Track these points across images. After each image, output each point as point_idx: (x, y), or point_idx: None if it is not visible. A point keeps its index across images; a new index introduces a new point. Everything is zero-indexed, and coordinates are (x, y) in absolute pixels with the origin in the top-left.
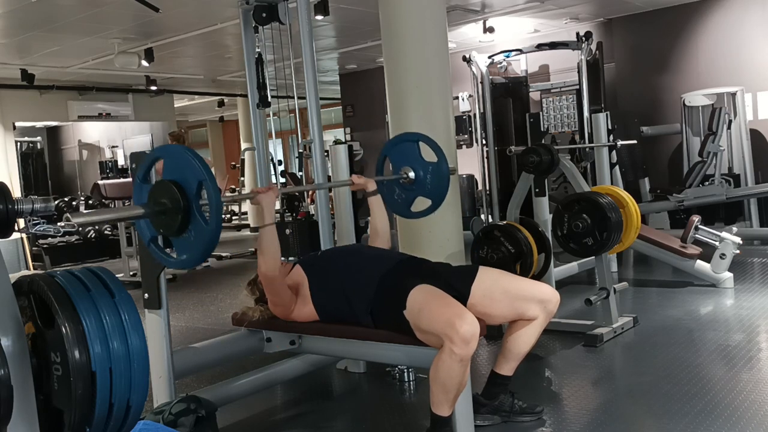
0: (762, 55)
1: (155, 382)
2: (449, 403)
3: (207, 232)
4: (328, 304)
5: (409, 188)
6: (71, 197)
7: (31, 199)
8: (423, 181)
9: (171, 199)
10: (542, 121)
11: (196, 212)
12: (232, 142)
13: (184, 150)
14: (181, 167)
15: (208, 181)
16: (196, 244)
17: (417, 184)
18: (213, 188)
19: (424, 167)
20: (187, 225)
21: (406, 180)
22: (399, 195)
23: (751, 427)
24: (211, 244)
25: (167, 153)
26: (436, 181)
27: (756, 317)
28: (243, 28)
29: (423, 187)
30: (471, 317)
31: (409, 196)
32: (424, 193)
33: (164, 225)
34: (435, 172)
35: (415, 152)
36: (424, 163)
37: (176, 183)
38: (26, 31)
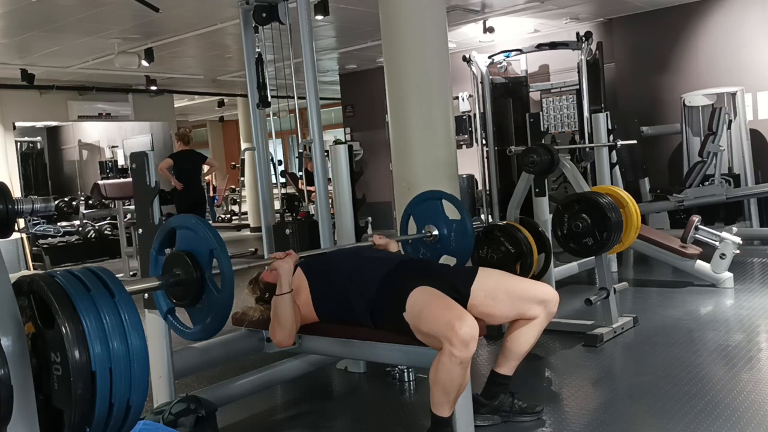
0: (762, 55)
1: (155, 382)
2: (450, 404)
3: (219, 301)
4: (328, 305)
5: (434, 246)
6: (71, 197)
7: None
8: (447, 239)
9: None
10: (542, 121)
11: (209, 282)
12: (232, 142)
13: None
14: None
15: (219, 250)
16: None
17: (441, 242)
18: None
19: (449, 225)
20: (201, 295)
21: (430, 238)
22: (424, 253)
23: (751, 427)
24: (224, 313)
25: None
26: (460, 238)
27: (756, 317)
28: (243, 28)
29: (448, 245)
30: (470, 319)
31: (434, 254)
32: (449, 251)
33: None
34: (459, 229)
35: (439, 210)
36: (448, 220)
37: (189, 254)
38: (26, 31)
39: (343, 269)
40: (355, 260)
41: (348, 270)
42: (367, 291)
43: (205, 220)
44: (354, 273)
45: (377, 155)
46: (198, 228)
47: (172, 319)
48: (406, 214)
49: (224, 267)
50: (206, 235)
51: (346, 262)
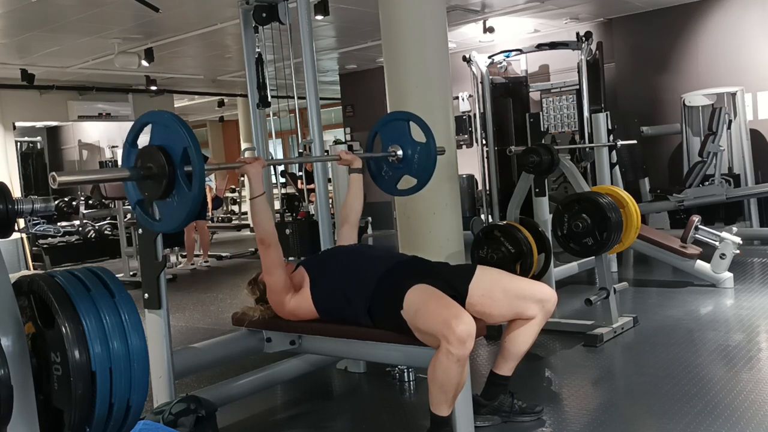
0: (762, 55)
1: (155, 382)
2: (448, 403)
3: (189, 197)
4: (328, 302)
5: (397, 166)
6: (71, 197)
7: (31, 199)
8: (411, 160)
9: (157, 164)
10: (542, 121)
11: (180, 178)
12: (232, 142)
13: (172, 117)
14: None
15: (192, 148)
16: (179, 208)
17: (404, 163)
18: (197, 154)
19: (413, 146)
20: (171, 190)
21: (394, 158)
22: (386, 172)
23: (751, 427)
24: (193, 210)
25: (155, 119)
26: (423, 160)
27: (756, 317)
28: (243, 28)
29: (410, 166)
30: (467, 317)
31: (396, 173)
32: (411, 172)
33: (149, 188)
34: (423, 151)
35: (405, 131)
36: (413, 142)
37: (162, 148)
38: (26, 31)
39: (342, 267)
40: (354, 258)
41: (347, 268)
42: (366, 289)
43: (179, 118)
44: (353, 271)
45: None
46: (172, 124)
47: (140, 210)
48: (373, 132)
49: (196, 165)
50: (180, 132)
51: (346, 260)
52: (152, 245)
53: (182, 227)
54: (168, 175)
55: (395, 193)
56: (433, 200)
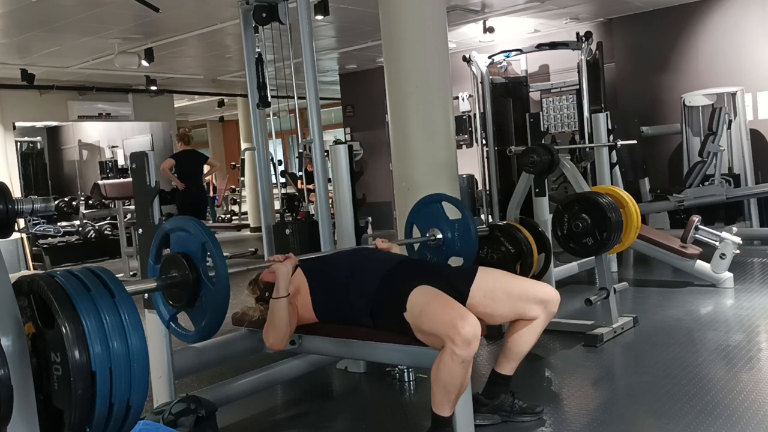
0: (762, 55)
1: (155, 382)
2: (450, 403)
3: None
4: (328, 305)
5: (439, 249)
6: (71, 197)
7: (31, 199)
8: (452, 241)
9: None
10: (542, 121)
11: (203, 277)
12: (232, 142)
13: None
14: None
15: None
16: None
17: (446, 245)
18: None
19: (451, 226)
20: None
21: (434, 242)
22: (431, 258)
23: (751, 427)
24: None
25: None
26: (464, 237)
27: (756, 317)
28: (243, 28)
29: (452, 247)
30: (472, 318)
31: (441, 257)
32: (454, 252)
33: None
34: (462, 230)
35: (440, 212)
36: (450, 222)
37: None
38: (26, 31)
39: (343, 269)
40: (355, 260)
41: (348, 270)
42: (367, 290)
43: (195, 219)
44: (354, 273)
45: (377, 155)
46: (189, 226)
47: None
48: (409, 223)
49: (217, 260)
50: (197, 231)
51: (346, 262)
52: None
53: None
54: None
55: None
56: None
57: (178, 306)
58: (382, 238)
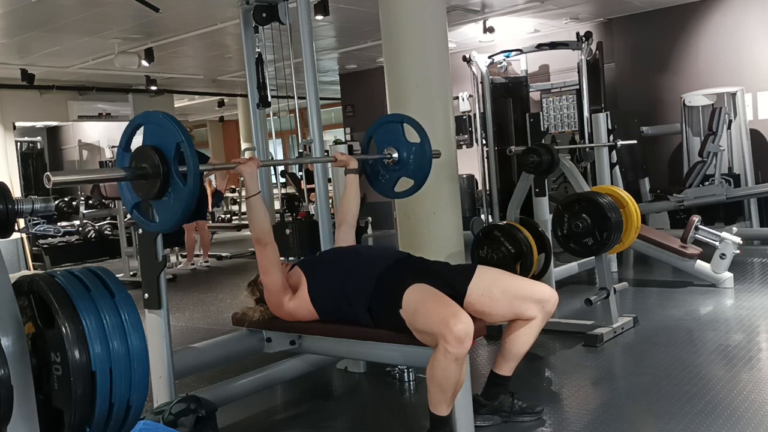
0: (762, 55)
1: (155, 382)
2: (447, 402)
3: (185, 193)
4: (328, 303)
5: (393, 168)
6: (71, 197)
7: (31, 199)
8: (406, 162)
9: (150, 163)
10: (542, 121)
11: (175, 174)
12: (232, 142)
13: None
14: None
15: (185, 143)
16: (176, 206)
17: (400, 165)
18: (190, 149)
19: (408, 148)
20: (167, 188)
21: (390, 160)
22: (383, 175)
23: (751, 427)
24: (189, 206)
25: (147, 120)
26: (419, 161)
27: (756, 317)
28: (243, 28)
29: (406, 168)
30: (465, 316)
31: (393, 176)
32: (407, 173)
33: (144, 189)
34: (418, 153)
35: (400, 133)
36: (408, 144)
37: (155, 148)
38: (26, 31)
39: (340, 267)
40: (352, 258)
41: (345, 268)
42: (365, 288)
43: (171, 116)
44: (351, 271)
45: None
46: (164, 123)
47: (137, 213)
48: (368, 136)
49: (189, 159)
50: (172, 128)
51: (344, 260)
52: (152, 245)
53: (180, 225)
54: (162, 173)
55: (393, 195)
56: (433, 200)
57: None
58: (341, 152)
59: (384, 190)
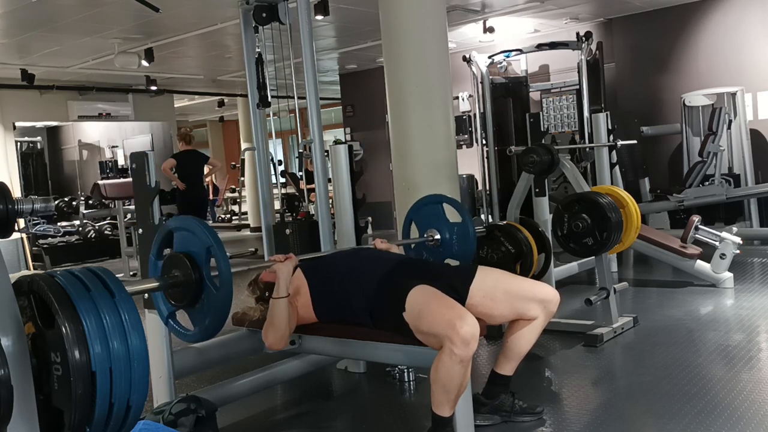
0: (762, 55)
1: (155, 382)
2: (450, 403)
3: (218, 299)
4: (328, 305)
5: (436, 250)
6: (71, 197)
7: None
8: (449, 242)
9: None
10: (542, 121)
11: (207, 280)
12: (232, 142)
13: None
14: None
15: (216, 248)
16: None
17: (444, 246)
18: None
19: (450, 228)
20: (200, 294)
21: (432, 242)
22: (427, 258)
23: (751, 427)
24: (224, 311)
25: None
26: (462, 241)
27: (756, 317)
28: (243, 28)
29: (449, 248)
30: (471, 318)
31: (437, 257)
32: (451, 254)
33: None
34: (461, 232)
35: (440, 214)
36: (450, 224)
37: (187, 255)
38: (26, 31)
39: (342, 269)
40: (354, 260)
41: (347, 270)
42: (367, 290)
43: (201, 220)
44: (353, 272)
45: (377, 155)
46: (194, 228)
47: (173, 323)
48: (408, 219)
49: (221, 264)
50: (202, 233)
51: (346, 262)
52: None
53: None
54: (195, 279)
55: None
56: None
57: (179, 306)
58: (381, 239)
59: None
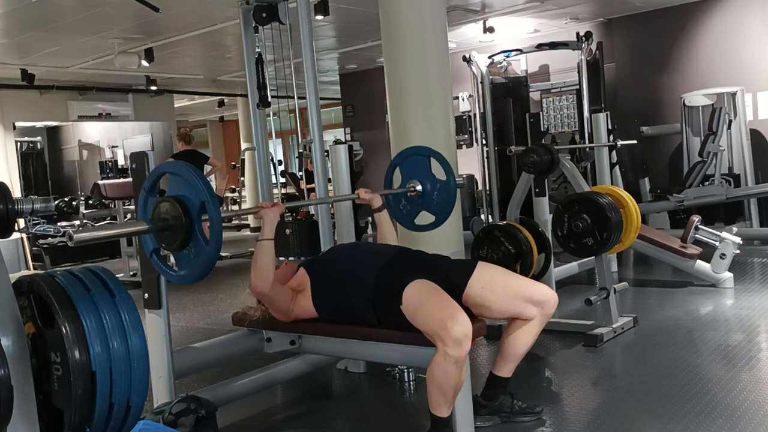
0: (762, 55)
1: (155, 382)
2: (447, 403)
3: (206, 251)
4: (329, 303)
5: (416, 201)
6: (71, 197)
7: (31, 199)
8: (430, 197)
9: (174, 216)
10: (542, 121)
11: (197, 232)
12: (232, 142)
13: (189, 169)
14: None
15: (210, 203)
16: (196, 262)
17: (423, 199)
18: (215, 209)
19: (433, 183)
20: (188, 242)
21: (413, 193)
22: (404, 206)
23: (751, 427)
24: (209, 264)
25: (174, 170)
26: (442, 198)
27: (756, 317)
28: (243, 28)
29: (429, 203)
30: (463, 317)
31: (414, 209)
32: (429, 208)
33: (166, 240)
34: (443, 189)
35: (426, 167)
36: (434, 179)
37: (180, 200)
38: (26, 31)
39: (343, 265)
40: (354, 255)
41: (347, 265)
42: (367, 285)
43: (197, 170)
44: (353, 268)
45: (377, 155)
46: (191, 177)
47: (157, 258)
48: (393, 164)
49: (213, 218)
50: (198, 185)
51: (346, 258)
52: None
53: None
54: (185, 228)
55: (412, 228)
56: None
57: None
58: (365, 189)
59: (403, 220)
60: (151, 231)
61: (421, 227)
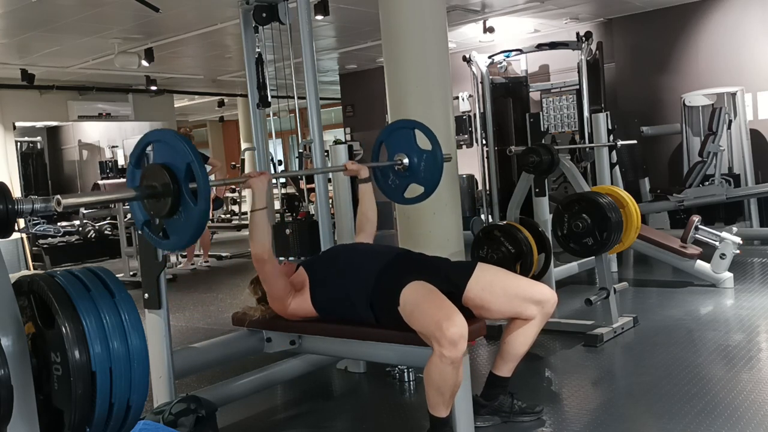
0: (762, 55)
1: (155, 382)
2: (445, 404)
3: (195, 213)
4: (329, 301)
5: (403, 175)
6: None
7: (31, 199)
8: (417, 169)
9: (161, 182)
10: (542, 121)
11: (186, 194)
12: (232, 142)
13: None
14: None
15: (195, 163)
16: (186, 225)
17: (411, 171)
18: (201, 171)
19: (419, 155)
20: (178, 207)
21: (400, 167)
22: (393, 181)
23: (751, 427)
24: (200, 225)
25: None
26: (429, 168)
27: (756, 317)
28: (243, 28)
29: (417, 174)
30: (459, 318)
31: (403, 182)
32: (417, 180)
33: (155, 207)
34: (429, 159)
35: (411, 139)
36: (419, 150)
37: (166, 166)
38: (26, 31)
39: (342, 265)
40: (353, 254)
41: (347, 265)
42: (366, 285)
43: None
44: (353, 268)
45: None
46: (174, 142)
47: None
48: (379, 141)
49: (200, 180)
50: (183, 148)
51: (345, 258)
52: (152, 245)
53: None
54: (173, 192)
55: (402, 201)
56: (433, 200)
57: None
58: (351, 161)
59: (393, 195)
60: (139, 198)
61: (410, 200)
